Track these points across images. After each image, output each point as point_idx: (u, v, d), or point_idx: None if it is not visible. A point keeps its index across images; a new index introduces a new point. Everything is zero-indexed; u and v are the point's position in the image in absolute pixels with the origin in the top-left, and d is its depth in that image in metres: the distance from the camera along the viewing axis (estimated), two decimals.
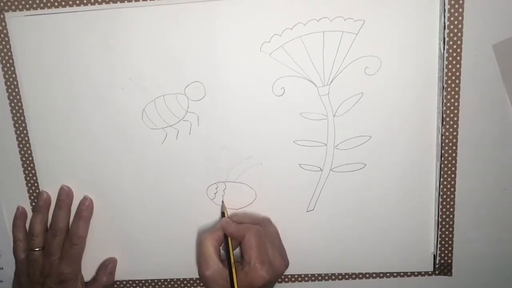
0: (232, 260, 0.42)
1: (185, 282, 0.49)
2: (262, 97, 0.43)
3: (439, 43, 0.41)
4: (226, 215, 0.46)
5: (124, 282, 0.50)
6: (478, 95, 0.42)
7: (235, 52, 0.42)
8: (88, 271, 0.49)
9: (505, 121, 0.43)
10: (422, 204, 0.45)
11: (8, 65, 0.44)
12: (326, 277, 0.48)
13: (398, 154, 0.44)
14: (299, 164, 0.45)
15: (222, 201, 0.46)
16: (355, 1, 0.40)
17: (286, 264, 0.43)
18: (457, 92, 0.41)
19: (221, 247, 0.44)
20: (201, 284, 0.49)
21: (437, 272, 0.47)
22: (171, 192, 0.46)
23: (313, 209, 0.46)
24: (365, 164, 0.44)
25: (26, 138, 0.46)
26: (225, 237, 0.44)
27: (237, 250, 0.45)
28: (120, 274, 0.49)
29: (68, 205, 0.47)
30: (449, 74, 0.41)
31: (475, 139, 0.43)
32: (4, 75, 0.44)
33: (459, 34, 0.40)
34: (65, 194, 0.46)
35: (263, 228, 0.43)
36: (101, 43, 0.43)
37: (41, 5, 0.42)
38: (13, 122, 0.45)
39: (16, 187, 0.47)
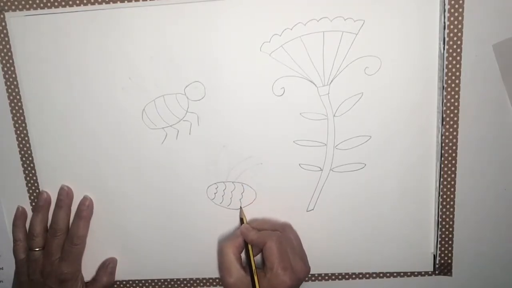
0: (253, 267, 0.42)
1: (185, 282, 0.49)
2: (262, 97, 0.43)
3: (439, 43, 0.41)
4: (245, 221, 0.45)
5: (124, 282, 0.50)
6: (478, 95, 0.42)
7: (235, 52, 0.42)
8: (88, 271, 0.49)
9: (505, 121, 0.43)
10: (422, 204, 0.45)
11: (8, 65, 0.44)
12: (326, 277, 0.48)
13: (398, 154, 0.44)
14: (299, 164, 0.45)
15: (240, 207, 0.46)
16: (355, 1, 0.40)
17: (308, 270, 0.43)
18: (457, 92, 0.41)
19: (242, 254, 0.44)
20: (201, 284, 0.49)
21: (437, 272, 0.47)
22: (171, 192, 0.46)
23: (313, 209, 0.46)
24: (365, 164, 0.44)
25: (26, 138, 0.46)
26: (245, 244, 0.44)
27: (258, 256, 0.45)
28: (120, 274, 0.49)
29: (68, 205, 0.47)
30: (449, 74, 0.41)
31: (475, 139, 0.43)
32: (4, 75, 0.44)
33: (459, 34, 0.40)
34: (65, 194, 0.46)
35: (284, 234, 0.43)
36: (101, 43, 0.43)
37: (41, 5, 0.42)
38: (13, 122, 0.45)
39: (16, 187, 0.47)
